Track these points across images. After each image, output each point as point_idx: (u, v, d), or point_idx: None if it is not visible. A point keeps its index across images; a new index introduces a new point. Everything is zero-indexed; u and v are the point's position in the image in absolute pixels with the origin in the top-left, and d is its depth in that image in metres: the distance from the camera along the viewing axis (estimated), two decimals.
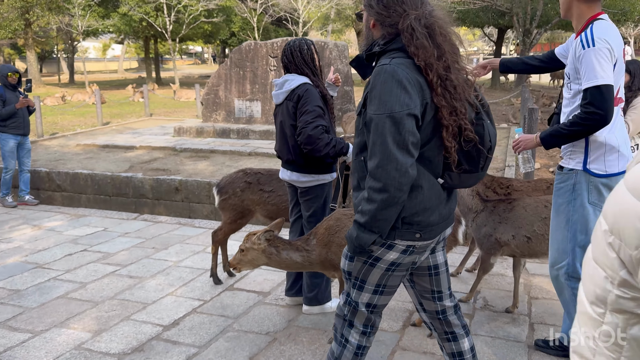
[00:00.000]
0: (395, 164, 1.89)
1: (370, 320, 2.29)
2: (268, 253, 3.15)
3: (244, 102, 10.68)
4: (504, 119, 13.20)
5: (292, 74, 3.51)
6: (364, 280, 2.20)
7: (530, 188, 4.18)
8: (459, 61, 2.03)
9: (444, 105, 1.95)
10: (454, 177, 2.09)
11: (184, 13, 24.61)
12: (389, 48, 2.00)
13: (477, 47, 63.49)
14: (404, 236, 2.08)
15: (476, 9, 19.18)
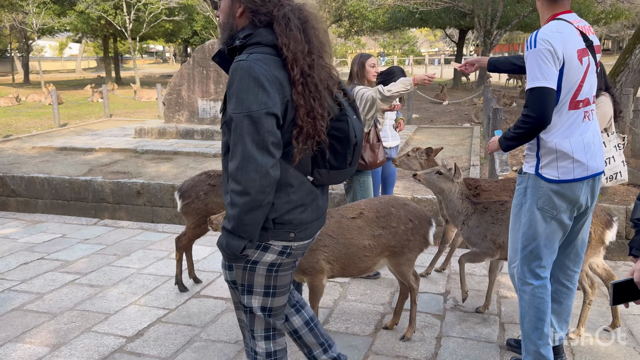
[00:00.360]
0: (255, 165, 1.83)
1: (270, 324, 2.23)
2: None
3: (207, 102, 10.48)
4: (466, 118, 13.41)
5: None
6: (251, 285, 2.14)
7: (498, 188, 4.21)
8: (324, 57, 2.00)
9: (302, 104, 1.91)
10: (324, 174, 2.06)
11: (144, 11, 24.04)
12: (249, 42, 1.92)
13: (438, 48, 64.64)
14: (278, 237, 2.04)
15: (438, 10, 19.44)
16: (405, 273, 3.31)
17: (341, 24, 30.87)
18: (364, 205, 3.28)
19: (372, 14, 22.43)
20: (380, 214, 3.22)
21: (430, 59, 48.12)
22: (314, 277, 3.14)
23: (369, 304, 3.95)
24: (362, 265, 3.19)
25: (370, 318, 3.73)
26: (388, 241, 3.20)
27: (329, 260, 3.14)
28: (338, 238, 3.14)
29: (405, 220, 3.23)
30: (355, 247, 3.14)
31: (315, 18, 1.97)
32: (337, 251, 3.13)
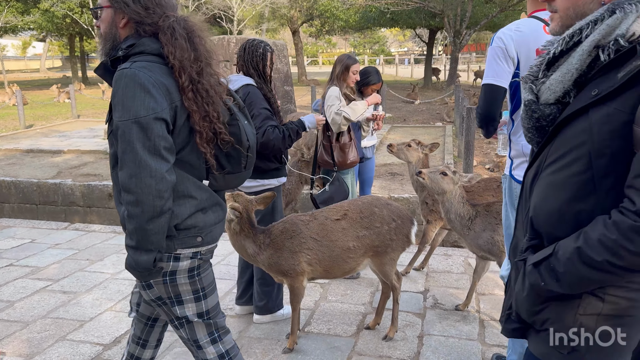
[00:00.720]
0: (149, 171, 1.80)
1: (212, 325, 2.18)
2: (234, 230, 3.03)
3: None
4: (438, 117, 13.57)
5: (238, 75, 3.39)
6: (178, 295, 2.08)
7: (480, 188, 4.24)
8: (212, 65, 2.02)
9: (195, 110, 1.91)
10: (219, 178, 2.08)
11: None
12: (132, 52, 1.92)
13: (408, 48, 65.29)
14: (185, 244, 2.01)
15: (409, 10, 19.62)
16: (388, 272, 3.31)
17: (312, 23, 30.87)
18: (348, 207, 3.26)
19: (344, 13, 22.50)
20: (364, 215, 3.21)
21: (400, 58, 48.57)
22: (294, 279, 3.12)
23: (350, 304, 3.95)
24: (346, 266, 3.18)
25: (352, 318, 3.73)
26: (372, 241, 3.20)
27: (310, 263, 3.12)
28: (322, 241, 3.12)
29: (389, 220, 3.23)
30: (339, 249, 3.13)
31: (200, 28, 2.00)
32: (321, 254, 3.12)
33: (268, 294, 3.59)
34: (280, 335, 3.48)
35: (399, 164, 8.12)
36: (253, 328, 3.60)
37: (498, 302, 3.96)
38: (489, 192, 4.19)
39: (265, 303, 3.60)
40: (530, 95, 1.46)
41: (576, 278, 1.28)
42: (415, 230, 3.35)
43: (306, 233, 3.11)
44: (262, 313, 3.63)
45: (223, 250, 5.13)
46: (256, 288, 3.59)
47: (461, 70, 33.05)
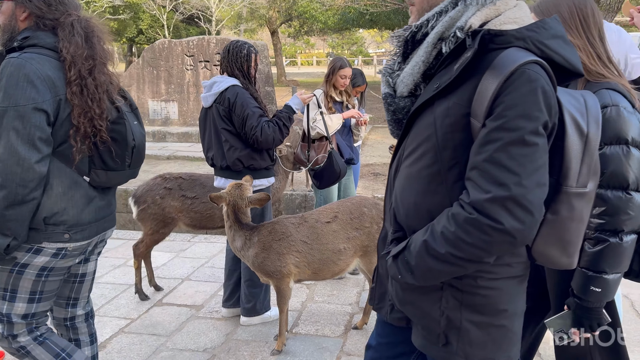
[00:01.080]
0: (17, 158, 1.85)
1: (32, 323, 2.15)
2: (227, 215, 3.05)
3: (159, 103, 10.20)
4: None
5: (222, 76, 3.37)
6: (15, 290, 2.07)
7: None
8: (107, 65, 2.11)
9: (77, 104, 1.98)
10: (101, 175, 2.11)
11: (87, 9, 23.12)
12: (26, 44, 1.98)
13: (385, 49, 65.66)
14: (52, 238, 2.03)
15: (388, 11, 19.72)
16: None
17: (291, 24, 30.82)
18: (337, 209, 3.26)
19: (322, 15, 22.52)
20: (354, 216, 3.22)
21: (379, 59, 48.84)
22: (280, 280, 3.11)
23: (337, 305, 3.95)
24: (336, 268, 3.18)
25: (340, 319, 3.73)
26: (362, 242, 3.20)
27: (298, 265, 3.11)
28: (312, 244, 3.12)
29: (378, 219, 3.24)
30: (330, 251, 3.13)
31: (101, 30, 2.09)
32: (311, 257, 3.11)
33: (256, 295, 3.57)
34: (268, 337, 3.46)
35: (382, 164, 8.17)
36: (240, 330, 3.57)
37: None
38: None
39: (253, 305, 3.58)
40: (387, 88, 1.47)
41: (426, 270, 1.28)
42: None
43: (296, 236, 3.11)
44: (250, 315, 3.60)
45: (207, 253, 5.09)
46: (244, 290, 3.56)
47: None
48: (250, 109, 3.21)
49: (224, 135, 3.29)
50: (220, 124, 3.29)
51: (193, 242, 5.44)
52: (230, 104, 3.22)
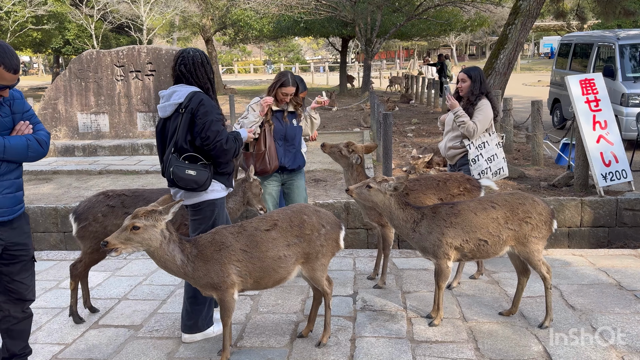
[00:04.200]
0: None
1: None
2: (164, 235, 2.90)
3: (88, 116, 9.79)
4: (356, 123, 13.89)
5: (181, 85, 3.31)
6: None
7: (422, 186, 4.32)
8: None
9: None
10: None
11: (8, 19, 21.86)
12: None
13: (322, 56, 66.35)
14: None
15: (322, 19, 19.96)
16: (319, 278, 3.32)
17: (225, 32, 30.49)
18: (277, 216, 3.24)
19: (257, 23, 22.47)
20: (293, 223, 3.20)
21: (316, 66, 49.28)
22: (224, 292, 3.05)
23: (281, 314, 3.92)
24: (277, 276, 3.16)
25: (285, 328, 3.70)
26: (303, 249, 3.19)
27: (240, 275, 3.06)
28: (252, 252, 3.08)
29: (318, 226, 3.24)
30: (270, 259, 3.10)
31: None
32: (251, 265, 3.07)
33: (198, 312, 3.48)
34: (212, 354, 3.37)
35: (322, 171, 8.22)
36: (182, 348, 3.47)
37: (424, 299, 4.10)
38: (431, 191, 4.28)
39: (195, 321, 3.49)
40: None
41: None
42: (343, 234, 3.39)
43: (235, 245, 3.06)
44: (192, 332, 3.51)
45: (144, 270, 4.91)
46: (185, 307, 3.47)
47: (373, 77, 34.13)
48: (215, 115, 3.21)
49: (189, 145, 3.24)
50: (183, 134, 3.21)
51: (129, 259, 5.24)
52: (194, 109, 3.18)
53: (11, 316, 2.94)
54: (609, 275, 4.47)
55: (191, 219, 3.48)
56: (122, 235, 2.80)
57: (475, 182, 4.41)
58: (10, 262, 2.88)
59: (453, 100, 4.81)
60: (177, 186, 3.29)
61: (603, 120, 6.07)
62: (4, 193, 2.76)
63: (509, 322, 3.69)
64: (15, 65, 2.57)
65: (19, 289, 2.92)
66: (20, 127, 2.80)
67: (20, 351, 3.02)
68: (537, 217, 3.49)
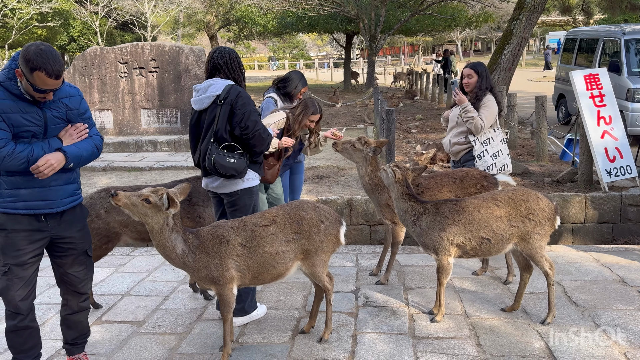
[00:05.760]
0: None
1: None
2: (167, 223, 2.91)
3: (92, 113, 9.80)
4: (359, 119, 13.87)
5: (216, 79, 3.44)
6: None
7: (437, 183, 4.27)
8: None
9: None
10: None
11: (12, 17, 21.94)
12: None
13: (326, 52, 66.24)
14: None
15: (326, 15, 19.92)
16: (319, 274, 3.32)
17: (230, 28, 30.50)
18: (276, 212, 3.24)
19: (262, 19, 22.44)
20: (292, 220, 3.20)
21: (320, 62, 49.22)
22: (223, 286, 3.05)
23: (284, 310, 3.92)
24: (275, 272, 3.16)
25: (287, 324, 3.70)
26: (302, 245, 3.20)
27: (239, 270, 3.07)
28: (251, 247, 3.08)
29: (317, 222, 3.24)
30: (268, 254, 3.10)
31: None
32: (250, 260, 3.08)
33: (246, 296, 3.63)
34: (214, 349, 3.39)
35: (326, 167, 8.22)
36: (184, 344, 3.48)
37: (426, 295, 4.10)
38: (447, 189, 4.23)
39: (243, 306, 3.63)
40: None
41: None
42: (344, 230, 3.39)
43: (235, 239, 3.06)
44: (240, 315, 3.64)
45: (148, 266, 4.93)
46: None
47: (378, 73, 34.06)
48: (252, 107, 3.37)
49: (228, 135, 3.38)
50: (223, 124, 3.36)
51: (133, 255, 5.26)
52: (233, 100, 3.32)
53: (68, 306, 3.08)
54: (612, 272, 4.45)
55: (230, 210, 3.57)
56: (133, 199, 2.84)
57: (492, 178, 4.35)
58: (62, 254, 2.97)
59: (461, 95, 4.77)
60: (217, 174, 3.40)
61: (608, 116, 6.04)
62: (51, 185, 2.80)
63: (511, 318, 3.68)
64: (58, 71, 2.59)
65: (72, 281, 3.03)
66: (73, 132, 2.84)
67: (73, 341, 3.16)
68: (540, 214, 3.47)
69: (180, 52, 9.70)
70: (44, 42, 2.72)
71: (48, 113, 2.76)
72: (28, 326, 2.93)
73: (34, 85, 2.59)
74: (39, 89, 2.62)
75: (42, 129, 2.75)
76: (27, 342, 2.95)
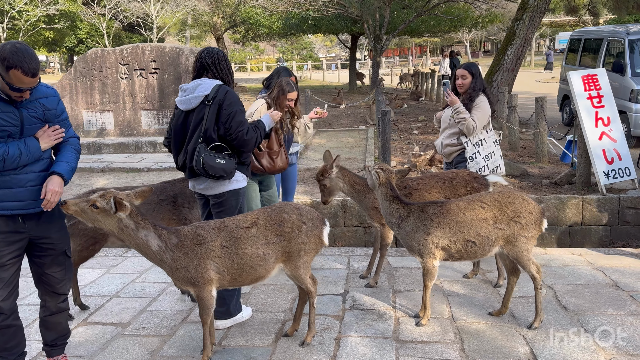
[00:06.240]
0: None
1: None
2: (124, 224, 2.88)
3: (93, 114, 9.86)
4: (362, 121, 13.83)
5: (204, 78, 3.42)
6: None
7: (426, 185, 4.21)
8: None
9: None
10: None
11: (20, 19, 22.15)
12: None
13: (335, 53, 66.22)
14: None
15: (330, 16, 19.89)
16: (302, 277, 3.29)
17: (236, 30, 30.58)
18: (257, 214, 3.22)
19: (267, 20, 22.46)
20: (273, 221, 3.17)
21: (328, 64, 49.19)
22: (202, 288, 3.02)
23: (269, 313, 3.90)
24: (256, 274, 3.13)
25: (271, 327, 3.68)
26: (283, 247, 3.16)
27: (219, 271, 3.04)
28: (231, 248, 3.06)
29: (299, 224, 3.21)
30: (248, 256, 3.08)
31: None
32: (230, 262, 3.05)
33: (230, 298, 3.61)
34: (195, 352, 3.36)
35: None
36: (167, 347, 3.46)
37: (414, 299, 4.05)
38: (436, 190, 4.17)
39: (227, 308, 3.61)
40: None
41: None
42: (327, 231, 3.35)
43: (216, 241, 3.04)
44: (224, 318, 3.63)
45: (139, 268, 4.93)
46: (218, 293, 3.50)
47: (385, 74, 33.94)
48: (239, 107, 3.34)
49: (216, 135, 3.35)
50: (211, 125, 3.33)
51: (125, 257, 5.26)
52: (221, 100, 3.30)
53: (46, 307, 3.08)
54: (606, 275, 4.38)
55: (216, 211, 3.55)
56: (82, 205, 2.82)
57: (483, 179, 4.27)
58: (41, 254, 2.97)
59: (453, 96, 4.73)
60: (206, 175, 3.37)
61: (606, 117, 5.95)
62: (27, 186, 2.81)
63: (498, 322, 3.62)
64: (34, 69, 2.60)
65: (50, 282, 3.03)
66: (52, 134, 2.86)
67: (52, 342, 3.15)
68: (526, 216, 3.41)
69: (180, 53, 9.73)
70: (19, 41, 2.72)
71: (25, 112, 2.76)
72: (11, 325, 2.93)
73: (10, 84, 2.59)
74: (16, 87, 2.61)
75: (18, 129, 2.75)
76: (11, 340, 2.95)
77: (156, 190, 4.06)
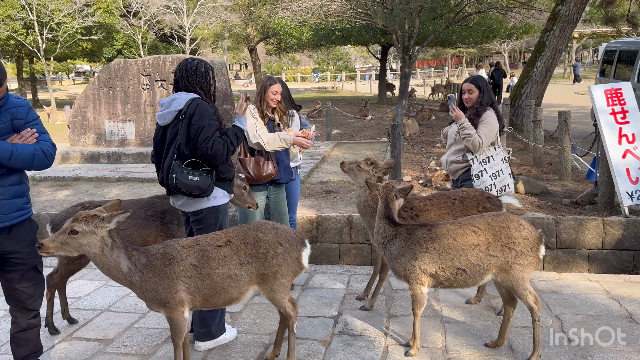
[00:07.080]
0: None
1: None
2: (105, 242, 2.76)
3: (115, 124, 10.01)
4: (386, 132, 13.59)
5: (180, 92, 3.35)
6: None
7: (434, 206, 3.96)
8: None
9: None
10: None
11: (59, 30, 22.94)
12: None
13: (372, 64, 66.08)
14: None
15: (359, 27, 19.76)
16: (279, 300, 3.14)
17: (269, 41, 30.85)
18: (232, 233, 3.09)
19: (296, 31, 22.53)
20: (248, 241, 3.04)
21: (362, 74, 49.07)
22: (172, 310, 2.91)
23: (254, 335, 3.75)
24: (227, 296, 2.99)
25: (253, 351, 3.53)
26: (257, 269, 3.02)
27: (190, 292, 2.92)
28: (202, 268, 2.93)
29: (275, 245, 3.06)
30: (220, 277, 2.95)
31: None
32: (200, 282, 2.92)
33: (212, 319, 3.48)
34: None
35: (337, 182, 8.02)
36: None
37: (409, 324, 3.82)
38: (444, 211, 3.91)
39: (208, 329, 3.50)
40: None
41: None
42: (307, 252, 3.18)
43: (186, 260, 2.92)
44: (206, 339, 3.52)
45: None
46: (199, 313, 3.44)
47: (417, 85, 33.54)
48: (208, 120, 3.21)
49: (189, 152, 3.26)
50: (184, 141, 3.24)
51: None
52: (191, 114, 3.21)
53: (17, 323, 3.03)
54: (621, 306, 4.05)
55: (196, 229, 3.45)
56: (59, 238, 2.70)
57: (496, 200, 3.98)
58: (10, 269, 2.93)
59: (458, 111, 4.51)
60: (181, 192, 3.29)
61: (631, 134, 5.59)
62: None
63: (493, 355, 3.37)
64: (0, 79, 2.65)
65: (20, 297, 2.98)
66: (25, 134, 2.86)
67: (23, 359, 3.09)
68: (522, 243, 3.16)
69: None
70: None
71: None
72: None
73: None
74: None
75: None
76: None
77: (144, 205, 4.00)
